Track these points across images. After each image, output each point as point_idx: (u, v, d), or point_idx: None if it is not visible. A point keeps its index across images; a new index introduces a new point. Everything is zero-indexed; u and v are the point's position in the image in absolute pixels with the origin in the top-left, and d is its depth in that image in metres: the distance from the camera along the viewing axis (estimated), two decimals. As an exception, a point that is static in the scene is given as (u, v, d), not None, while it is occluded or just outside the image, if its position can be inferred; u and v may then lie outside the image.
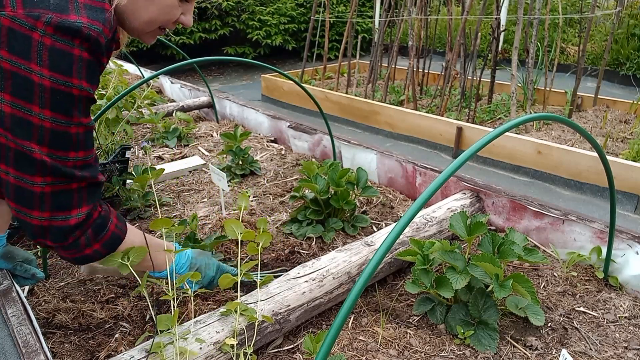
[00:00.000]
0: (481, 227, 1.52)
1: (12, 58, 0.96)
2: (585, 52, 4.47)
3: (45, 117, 1.00)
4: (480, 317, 1.43)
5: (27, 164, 1.03)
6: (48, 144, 1.02)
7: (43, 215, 1.08)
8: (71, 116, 1.04)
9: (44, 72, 0.97)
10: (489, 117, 4.35)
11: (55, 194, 1.07)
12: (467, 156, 0.88)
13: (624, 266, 1.67)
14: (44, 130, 1.01)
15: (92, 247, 1.18)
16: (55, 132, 1.02)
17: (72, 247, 1.15)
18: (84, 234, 1.15)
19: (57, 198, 1.07)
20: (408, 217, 0.81)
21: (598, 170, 3.02)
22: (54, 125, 1.02)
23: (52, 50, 0.97)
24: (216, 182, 2.13)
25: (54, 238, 1.11)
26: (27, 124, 0.99)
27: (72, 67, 1.00)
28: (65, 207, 1.09)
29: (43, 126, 1.00)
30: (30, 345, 1.23)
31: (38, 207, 1.07)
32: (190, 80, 6.93)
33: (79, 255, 1.18)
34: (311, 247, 1.95)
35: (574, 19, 7.41)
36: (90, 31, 0.99)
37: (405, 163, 2.42)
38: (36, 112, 0.99)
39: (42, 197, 1.06)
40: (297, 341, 1.45)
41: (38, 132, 1.00)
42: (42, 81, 0.97)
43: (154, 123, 3.28)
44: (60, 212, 1.09)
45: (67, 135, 1.04)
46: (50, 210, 1.08)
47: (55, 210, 1.08)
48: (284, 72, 2.21)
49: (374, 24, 7.00)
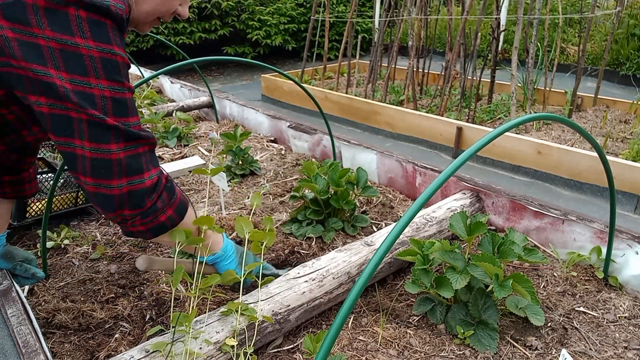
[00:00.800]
0: (481, 227, 1.52)
1: (57, 36, 0.97)
2: (585, 52, 4.47)
3: (103, 86, 1.03)
4: (480, 317, 1.43)
5: (102, 133, 1.05)
6: (113, 112, 1.05)
7: (121, 183, 1.10)
8: (123, 82, 1.07)
9: (90, 43, 1.00)
10: (489, 117, 4.35)
11: (129, 158, 1.09)
12: (467, 156, 0.88)
13: (624, 266, 1.67)
14: (106, 99, 1.04)
15: (166, 213, 1.21)
16: (115, 99, 1.06)
17: (150, 214, 1.17)
18: (160, 197, 1.18)
19: (131, 163, 1.10)
20: (408, 217, 0.81)
21: (598, 170, 3.02)
22: (113, 92, 1.05)
23: (90, 21, 0.99)
24: (216, 182, 2.13)
25: (134, 204, 1.13)
26: (90, 95, 1.02)
27: (110, 36, 1.03)
28: (139, 170, 1.12)
29: (104, 96, 1.04)
30: (30, 345, 1.23)
31: (116, 175, 1.09)
32: (190, 80, 6.93)
33: (156, 223, 1.19)
34: (311, 247, 1.95)
35: (574, 19, 7.41)
36: (117, 9, 1.03)
37: (405, 163, 2.42)
38: (95, 84, 1.02)
39: (119, 164, 1.08)
40: (297, 341, 1.45)
41: (101, 101, 1.03)
42: (90, 52, 1.00)
43: (154, 123, 3.28)
44: (135, 176, 1.12)
45: (124, 101, 1.08)
46: (127, 175, 1.10)
47: (131, 175, 1.11)
48: (284, 72, 2.21)
49: (374, 24, 7.00)
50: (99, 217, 2.20)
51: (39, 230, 1.96)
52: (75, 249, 1.93)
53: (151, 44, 7.25)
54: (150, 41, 7.20)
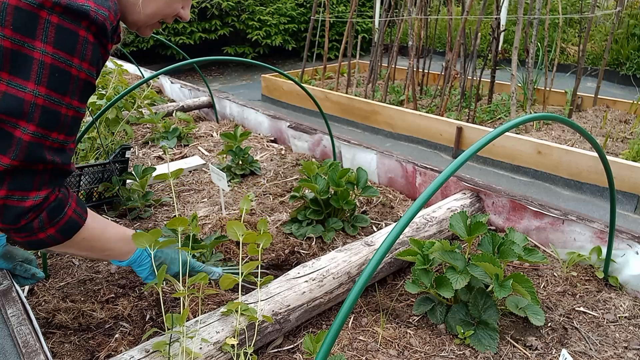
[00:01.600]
0: (481, 227, 1.52)
1: (16, 36, 0.95)
2: (585, 52, 4.47)
3: (39, 93, 0.99)
4: (480, 317, 1.43)
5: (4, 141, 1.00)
6: (37, 122, 1.00)
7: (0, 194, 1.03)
8: (64, 95, 1.02)
9: (47, 48, 0.97)
10: (489, 117, 4.35)
11: (18, 172, 1.03)
12: (467, 156, 0.88)
13: (624, 266, 1.67)
14: (35, 106, 0.99)
15: (47, 232, 1.13)
16: (46, 109, 1.01)
17: (23, 230, 1.09)
18: (38, 217, 1.10)
19: (19, 177, 1.04)
20: (408, 217, 0.81)
21: (598, 170, 3.02)
22: (47, 102, 1.00)
23: (58, 28, 0.97)
24: (216, 182, 2.13)
25: (5, 219, 1.06)
26: (19, 100, 0.98)
27: (76, 47, 0.99)
28: (24, 188, 1.05)
29: (35, 103, 0.99)
30: (30, 345, 1.23)
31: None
32: (190, 80, 6.93)
33: (33, 239, 1.13)
34: (311, 247, 1.95)
35: (574, 19, 7.41)
36: (97, 15, 1.00)
37: (405, 163, 2.42)
38: (30, 89, 0.98)
39: (3, 175, 1.02)
40: (297, 341, 1.45)
41: (30, 107, 0.99)
42: (43, 58, 0.97)
43: (154, 123, 3.28)
44: (17, 191, 1.04)
45: (56, 114, 1.03)
46: (8, 189, 1.03)
47: (13, 189, 1.04)
48: (284, 72, 2.21)
49: (374, 24, 7.00)
50: (100, 214, 2.19)
51: (39, 230, 1.96)
52: (75, 249, 1.93)
53: (151, 44, 7.25)
54: (150, 41, 7.20)
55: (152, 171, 2.27)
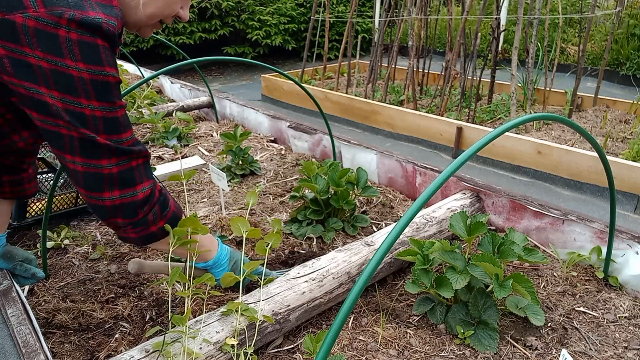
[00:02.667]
0: (481, 227, 1.52)
1: (48, 57, 0.99)
2: (585, 52, 4.47)
3: (95, 107, 1.07)
4: (480, 317, 1.43)
5: (93, 150, 1.10)
6: (104, 131, 1.10)
7: (114, 195, 1.16)
8: (114, 102, 1.10)
9: (80, 65, 1.02)
10: (489, 117, 4.36)
11: (121, 173, 1.15)
12: (467, 156, 0.88)
13: (624, 266, 1.67)
14: (97, 119, 1.08)
15: (158, 224, 1.26)
16: (106, 118, 1.10)
17: (141, 224, 1.22)
18: (152, 210, 1.23)
19: (123, 177, 1.15)
20: (408, 217, 0.81)
21: (598, 170, 3.02)
22: (104, 112, 1.09)
23: (81, 44, 1.01)
24: (216, 182, 2.13)
25: (126, 214, 1.19)
26: (81, 115, 1.05)
27: (102, 57, 1.05)
28: (131, 184, 1.17)
29: (95, 116, 1.07)
30: (30, 345, 1.23)
31: (108, 188, 1.14)
32: (190, 80, 6.93)
33: (146, 232, 1.25)
34: (311, 247, 1.95)
35: (574, 19, 7.41)
36: (109, 26, 1.05)
37: (405, 163, 2.42)
38: (85, 104, 1.05)
39: (111, 178, 1.14)
40: (297, 341, 1.45)
41: (93, 121, 1.07)
42: (81, 75, 1.03)
43: (154, 123, 3.28)
44: (127, 189, 1.17)
45: (115, 120, 1.12)
46: (120, 188, 1.16)
47: (123, 187, 1.16)
48: (284, 72, 2.21)
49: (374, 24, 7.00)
50: (99, 217, 2.19)
51: (39, 230, 1.96)
52: (75, 249, 1.93)
53: (151, 44, 7.25)
54: (150, 41, 7.20)
55: (152, 171, 2.27)
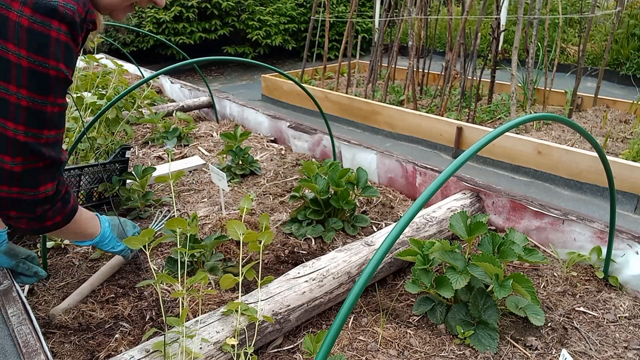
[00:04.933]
0: (481, 227, 1.52)
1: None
2: (585, 52, 4.47)
3: (22, 96, 1.02)
4: (480, 317, 1.43)
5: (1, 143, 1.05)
6: (24, 122, 1.04)
7: (12, 190, 1.11)
8: (47, 95, 1.06)
9: (22, 52, 0.98)
10: (489, 117, 4.36)
11: (24, 172, 1.10)
12: (467, 156, 0.88)
13: (624, 266, 1.67)
14: (21, 108, 1.03)
15: (54, 219, 1.23)
16: (31, 110, 1.05)
17: (36, 219, 1.19)
18: (53, 208, 1.20)
19: (26, 176, 1.10)
20: (408, 217, 0.81)
21: (598, 170, 3.02)
22: (31, 104, 1.04)
23: (29, 31, 0.97)
24: (216, 182, 2.13)
25: (21, 209, 1.14)
26: (4, 102, 1.01)
27: (50, 49, 1.01)
28: (33, 185, 1.13)
29: (20, 105, 1.02)
30: (30, 345, 1.23)
31: (7, 183, 1.09)
32: (190, 80, 6.93)
33: (39, 225, 1.22)
34: (311, 247, 1.95)
35: (574, 19, 7.41)
36: (66, 10, 1.00)
37: (405, 163, 2.42)
38: (13, 91, 1.01)
39: (11, 175, 1.08)
40: (297, 341, 1.45)
41: (15, 110, 1.02)
42: (19, 61, 0.99)
43: (154, 123, 3.28)
44: (28, 188, 1.12)
45: (43, 114, 1.07)
46: (19, 186, 1.11)
47: (24, 187, 1.11)
48: (284, 72, 2.21)
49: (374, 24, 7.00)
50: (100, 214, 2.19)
51: (39, 230, 1.96)
52: (75, 249, 1.93)
53: (151, 44, 7.25)
54: (150, 41, 7.20)
55: (152, 171, 2.27)
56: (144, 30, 4.74)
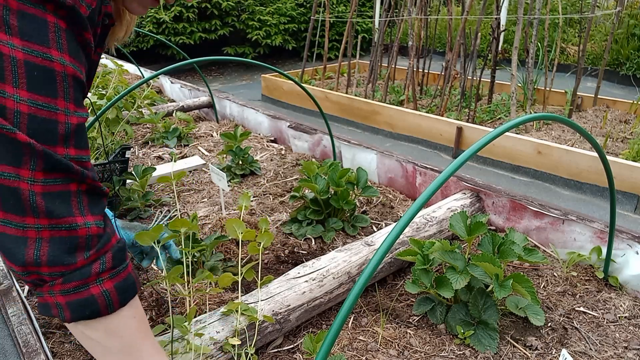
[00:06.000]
0: (481, 227, 1.52)
1: None
2: (585, 52, 4.47)
3: (21, 98, 0.74)
4: (480, 317, 1.43)
5: (9, 149, 0.75)
6: (28, 133, 0.75)
7: (40, 223, 0.77)
8: (55, 98, 0.78)
9: (15, 41, 0.73)
10: (489, 117, 4.36)
11: (49, 195, 0.78)
12: (467, 156, 0.88)
13: (624, 266, 1.67)
14: (21, 116, 0.75)
15: (103, 284, 0.84)
16: (35, 118, 0.76)
17: (76, 278, 0.81)
18: (100, 258, 0.84)
19: (53, 201, 0.78)
20: (408, 217, 0.81)
21: (598, 170, 3.02)
22: (33, 109, 0.75)
23: (21, 14, 0.74)
24: (216, 182, 2.13)
25: (56, 259, 0.79)
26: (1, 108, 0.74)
27: (49, 36, 0.76)
28: (66, 213, 0.79)
29: (19, 111, 0.74)
30: (30, 345, 1.23)
31: (31, 212, 0.77)
32: (190, 80, 6.93)
33: (83, 295, 0.82)
34: (311, 247, 1.95)
35: (574, 19, 7.41)
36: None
37: (405, 163, 2.42)
38: (10, 94, 0.74)
39: (33, 199, 0.76)
40: (297, 341, 1.45)
41: (14, 117, 0.74)
42: (13, 53, 0.73)
43: (154, 123, 3.28)
44: (61, 218, 0.79)
45: (52, 124, 0.78)
46: (48, 216, 0.78)
47: (53, 216, 0.78)
48: (284, 72, 2.21)
49: (374, 24, 7.00)
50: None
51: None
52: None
53: (151, 44, 7.25)
54: (150, 41, 7.20)
55: (152, 171, 2.27)
56: (144, 30, 4.74)
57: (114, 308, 0.86)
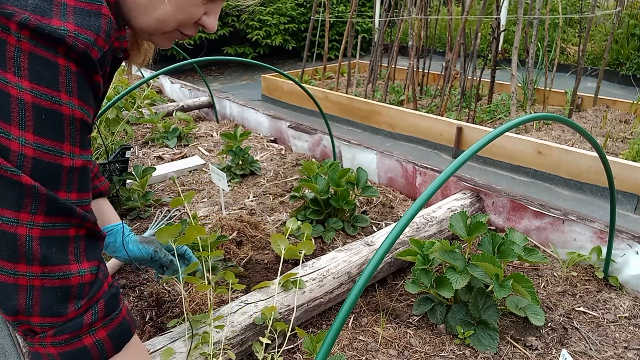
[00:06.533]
0: (481, 227, 1.52)
1: None
2: (585, 52, 4.47)
3: (26, 142, 0.74)
4: (480, 317, 1.43)
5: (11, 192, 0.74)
6: (33, 176, 0.75)
7: (32, 271, 0.76)
8: (61, 142, 0.78)
9: (24, 84, 0.73)
10: (489, 117, 4.36)
11: (47, 240, 0.77)
12: (467, 156, 0.88)
13: (624, 266, 1.67)
14: (25, 159, 0.74)
15: (96, 334, 0.83)
16: (40, 162, 0.76)
17: (68, 330, 0.79)
18: (92, 308, 0.83)
19: (49, 247, 0.77)
20: (408, 217, 0.81)
21: (598, 170, 3.02)
22: (38, 152, 0.75)
23: (32, 57, 0.74)
24: (216, 182, 2.13)
25: (47, 310, 0.78)
26: (4, 150, 0.73)
27: (59, 79, 0.76)
28: (61, 261, 0.78)
29: (24, 154, 0.74)
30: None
31: (24, 259, 0.76)
32: (190, 80, 6.93)
33: (75, 346, 0.81)
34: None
35: (574, 19, 7.41)
36: (77, 41, 0.76)
37: (405, 163, 2.42)
38: (15, 136, 0.73)
39: (29, 244, 0.75)
40: (297, 341, 1.45)
41: (17, 159, 0.74)
42: (21, 95, 0.73)
43: (154, 123, 3.28)
44: (55, 266, 0.78)
45: (56, 169, 0.78)
46: (41, 263, 0.76)
47: (47, 264, 0.77)
48: (284, 72, 2.21)
49: (374, 24, 7.00)
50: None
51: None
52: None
53: (151, 44, 7.26)
54: (150, 41, 7.20)
55: (152, 171, 2.27)
56: (144, 30, 4.73)
57: (107, 357, 0.85)
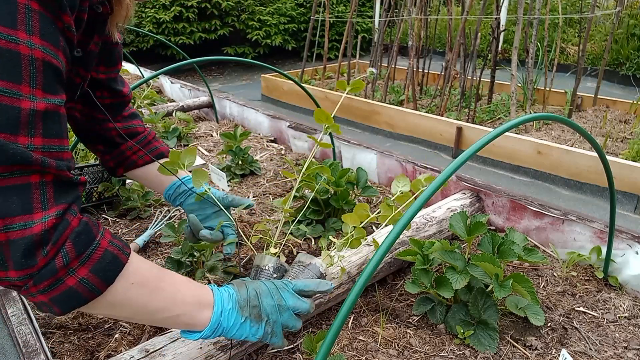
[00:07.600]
0: (481, 227, 1.52)
1: None
2: (585, 52, 4.47)
3: None
4: (480, 317, 1.43)
5: None
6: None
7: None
8: (18, 83, 0.72)
9: None
10: (489, 117, 4.36)
11: (5, 190, 0.73)
12: (467, 156, 0.88)
13: (624, 266, 1.67)
14: None
15: (77, 274, 0.80)
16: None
17: (45, 277, 0.77)
18: (60, 250, 0.78)
19: (9, 197, 0.73)
20: (408, 217, 0.80)
21: (598, 170, 3.02)
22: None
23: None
24: (216, 182, 2.13)
25: (18, 262, 0.74)
26: None
27: (17, 17, 0.71)
28: (22, 210, 0.74)
29: None
30: (30, 345, 1.23)
31: None
32: (190, 80, 6.93)
33: (58, 290, 0.79)
34: (311, 247, 1.95)
35: (574, 19, 7.42)
36: None
37: (405, 163, 2.42)
38: None
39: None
40: (297, 341, 1.45)
41: None
42: None
43: (153, 123, 3.28)
44: (15, 216, 0.73)
45: (14, 111, 0.72)
46: (2, 216, 0.72)
47: (7, 215, 0.73)
48: (284, 72, 2.21)
49: (374, 24, 7.00)
50: (100, 215, 2.19)
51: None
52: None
53: (151, 44, 7.26)
54: (150, 41, 7.21)
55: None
56: (144, 30, 4.74)
57: (100, 290, 0.83)
